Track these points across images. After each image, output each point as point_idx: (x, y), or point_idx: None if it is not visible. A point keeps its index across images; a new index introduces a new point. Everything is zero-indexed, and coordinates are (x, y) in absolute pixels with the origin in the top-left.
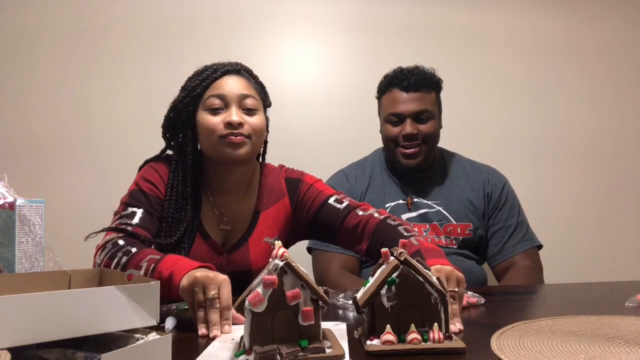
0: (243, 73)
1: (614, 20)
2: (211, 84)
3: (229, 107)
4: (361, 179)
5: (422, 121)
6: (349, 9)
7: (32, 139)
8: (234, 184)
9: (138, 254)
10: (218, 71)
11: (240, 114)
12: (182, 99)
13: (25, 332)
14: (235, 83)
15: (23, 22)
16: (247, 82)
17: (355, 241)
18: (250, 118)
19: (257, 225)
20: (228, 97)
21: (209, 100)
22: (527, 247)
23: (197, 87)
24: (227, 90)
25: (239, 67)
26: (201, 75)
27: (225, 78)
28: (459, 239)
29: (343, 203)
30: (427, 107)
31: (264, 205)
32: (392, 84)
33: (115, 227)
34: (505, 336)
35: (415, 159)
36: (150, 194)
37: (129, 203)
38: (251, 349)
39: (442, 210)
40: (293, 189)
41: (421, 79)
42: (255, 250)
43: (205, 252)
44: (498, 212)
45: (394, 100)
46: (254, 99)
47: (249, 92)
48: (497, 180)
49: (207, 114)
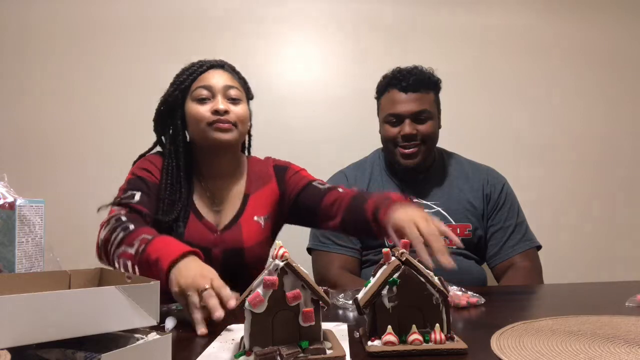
0: (226, 67)
1: (612, 20)
2: (198, 77)
3: (215, 97)
4: (361, 180)
5: (421, 121)
6: (349, 9)
7: (32, 139)
8: (223, 168)
9: (134, 231)
10: (204, 66)
11: (226, 103)
12: (172, 92)
13: (25, 332)
14: (220, 75)
15: (22, 22)
16: (231, 75)
17: (331, 217)
18: (235, 107)
19: (247, 205)
20: (214, 88)
21: (196, 91)
22: (526, 247)
23: (185, 81)
24: (213, 82)
25: (223, 63)
26: (188, 70)
27: (211, 71)
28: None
29: (325, 185)
30: (426, 107)
31: (252, 188)
32: (390, 85)
33: (119, 202)
34: (505, 336)
35: (414, 159)
36: (147, 179)
37: (127, 189)
38: (251, 350)
39: (442, 211)
40: (281, 175)
41: (420, 79)
42: (246, 228)
43: (199, 231)
44: (497, 212)
45: (392, 101)
46: (237, 90)
47: (233, 84)
48: (496, 181)
49: (195, 104)
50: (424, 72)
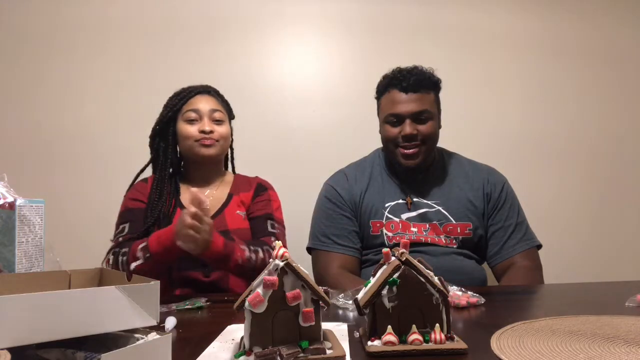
0: (212, 93)
1: (612, 19)
2: (187, 100)
3: (202, 119)
4: (361, 179)
5: (421, 121)
6: (349, 9)
7: (32, 139)
8: (207, 178)
9: (131, 249)
10: (192, 92)
11: (211, 124)
12: (166, 114)
13: (25, 332)
14: (206, 100)
15: (24, 23)
16: (216, 99)
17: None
18: (219, 127)
19: (231, 201)
20: (201, 111)
21: (186, 113)
22: (526, 247)
23: (177, 104)
24: (201, 106)
25: (209, 89)
26: (179, 95)
27: (199, 97)
28: (458, 239)
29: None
30: (426, 107)
31: (236, 190)
32: (390, 85)
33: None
34: (505, 336)
35: (415, 159)
36: (135, 208)
37: (119, 223)
38: (251, 350)
39: (442, 210)
40: (258, 192)
41: (420, 80)
42: (230, 217)
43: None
44: (497, 212)
45: (392, 101)
46: (221, 112)
47: (217, 108)
48: (496, 180)
49: (185, 124)
50: (424, 72)
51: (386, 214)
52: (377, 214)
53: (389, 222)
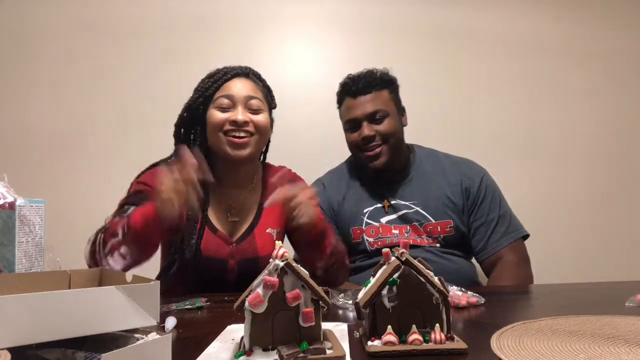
0: (251, 76)
1: (610, 20)
2: (221, 85)
3: (236, 107)
4: (338, 187)
5: (377, 121)
6: (349, 10)
7: (32, 139)
8: (240, 178)
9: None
10: (228, 74)
11: (246, 113)
12: (196, 99)
13: (25, 332)
14: (242, 85)
15: (22, 22)
16: (254, 84)
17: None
18: (255, 116)
19: (261, 217)
20: (235, 98)
21: (218, 100)
22: (511, 240)
23: (209, 88)
24: (235, 92)
25: (248, 71)
26: (213, 78)
27: (235, 80)
28: (440, 237)
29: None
30: (379, 107)
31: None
32: (343, 93)
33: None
34: (505, 336)
35: (379, 159)
36: (147, 192)
37: (123, 203)
38: (251, 350)
39: (421, 210)
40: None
41: (369, 81)
42: (260, 239)
43: (215, 244)
44: (478, 207)
45: (347, 108)
46: (259, 100)
47: (255, 94)
48: (474, 173)
49: (216, 111)
50: (373, 73)
51: (365, 219)
52: (356, 221)
53: (368, 228)
